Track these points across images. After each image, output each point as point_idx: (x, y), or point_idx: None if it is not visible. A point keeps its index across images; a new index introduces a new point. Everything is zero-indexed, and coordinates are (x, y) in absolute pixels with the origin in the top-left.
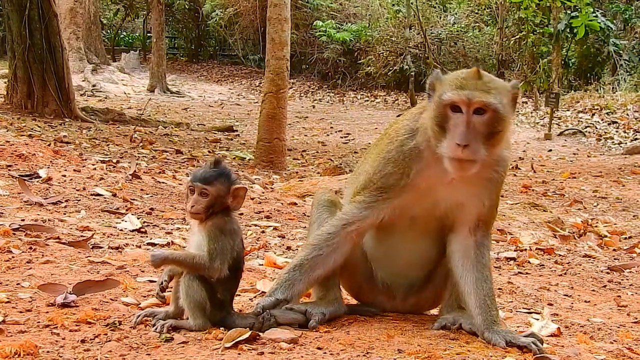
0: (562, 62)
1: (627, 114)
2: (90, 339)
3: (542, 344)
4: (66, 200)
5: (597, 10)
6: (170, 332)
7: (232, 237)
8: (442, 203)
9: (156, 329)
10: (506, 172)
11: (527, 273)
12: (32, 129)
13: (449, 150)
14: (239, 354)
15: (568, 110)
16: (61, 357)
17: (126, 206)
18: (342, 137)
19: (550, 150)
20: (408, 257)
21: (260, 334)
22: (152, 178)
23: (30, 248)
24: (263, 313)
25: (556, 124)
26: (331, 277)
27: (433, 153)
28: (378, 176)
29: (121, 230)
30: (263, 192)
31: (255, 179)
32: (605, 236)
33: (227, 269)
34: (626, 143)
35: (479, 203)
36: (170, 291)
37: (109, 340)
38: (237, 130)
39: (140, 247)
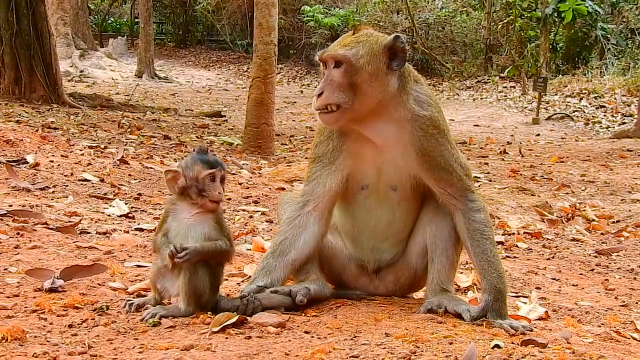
0: (550, 47)
1: (615, 98)
2: (78, 324)
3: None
4: (54, 186)
5: None
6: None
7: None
8: (385, 170)
9: (145, 317)
10: (432, 131)
11: (515, 257)
12: (19, 114)
13: (313, 103)
14: (227, 338)
15: (556, 95)
16: (49, 341)
17: (114, 191)
18: None
19: (538, 135)
20: (372, 227)
21: (248, 318)
22: (140, 163)
23: (18, 233)
24: (247, 296)
25: (544, 108)
26: (309, 262)
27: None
28: (313, 149)
29: (109, 215)
30: (251, 177)
31: (243, 164)
32: (593, 220)
33: None
34: (614, 127)
35: (420, 168)
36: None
37: (97, 325)
38: (224, 116)
39: (128, 232)
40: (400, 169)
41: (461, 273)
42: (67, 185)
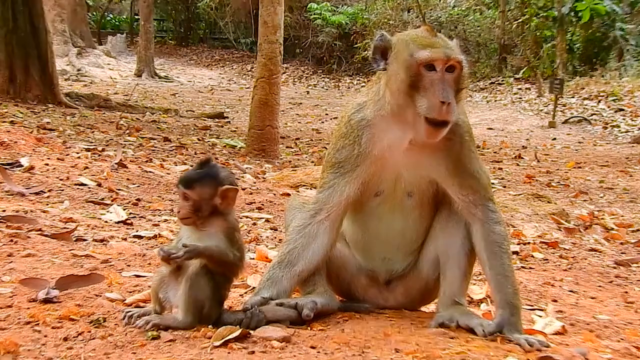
0: (567, 47)
1: (634, 101)
2: (74, 337)
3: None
4: (49, 190)
5: None
6: (154, 329)
7: (241, 234)
8: (405, 176)
9: (139, 325)
10: (467, 138)
11: (530, 268)
12: (14, 115)
13: (432, 110)
14: (229, 352)
15: (573, 97)
16: (43, 355)
17: (111, 196)
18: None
19: (555, 139)
20: (383, 236)
21: (251, 332)
22: (139, 167)
23: (11, 240)
24: (251, 309)
25: (560, 111)
26: (316, 273)
27: (384, 121)
28: (332, 154)
29: (106, 221)
30: (254, 182)
31: (247, 168)
32: (612, 229)
33: None
34: (633, 131)
35: (447, 173)
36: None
37: (93, 338)
38: (227, 117)
39: (126, 239)
40: (422, 174)
41: (474, 284)
42: (62, 190)
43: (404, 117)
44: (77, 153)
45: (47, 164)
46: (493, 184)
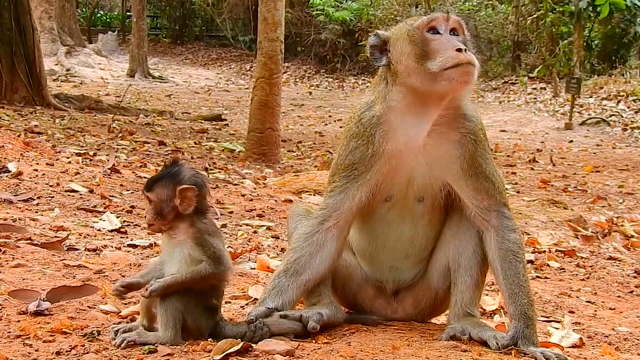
0: (584, 44)
1: None
2: (66, 351)
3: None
4: (38, 197)
5: None
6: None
7: (219, 237)
8: (417, 179)
9: (116, 343)
10: (482, 136)
11: (546, 277)
12: (0, 117)
13: (449, 59)
14: None
15: (591, 97)
16: None
17: (104, 203)
18: (341, 127)
19: (571, 141)
20: (392, 244)
21: (253, 345)
22: (133, 172)
23: (0, 250)
24: (255, 322)
25: (578, 112)
26: (321, 283)
27: (396, 114)
28: (344, 155)
29: (99, 230)
30: (255, 188)
31: (246, 173)
32: (632, 236)
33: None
34: None
35: (462, 174)
36: None
37: (87, 352)
38: (225, 119)
39: (120, 248)
40: (435, 175)
41: (487, 295)
42: (52, 197)
43: (420, 100)
44: (68, 158)
45: (35, 170)
46: (506, 189)
